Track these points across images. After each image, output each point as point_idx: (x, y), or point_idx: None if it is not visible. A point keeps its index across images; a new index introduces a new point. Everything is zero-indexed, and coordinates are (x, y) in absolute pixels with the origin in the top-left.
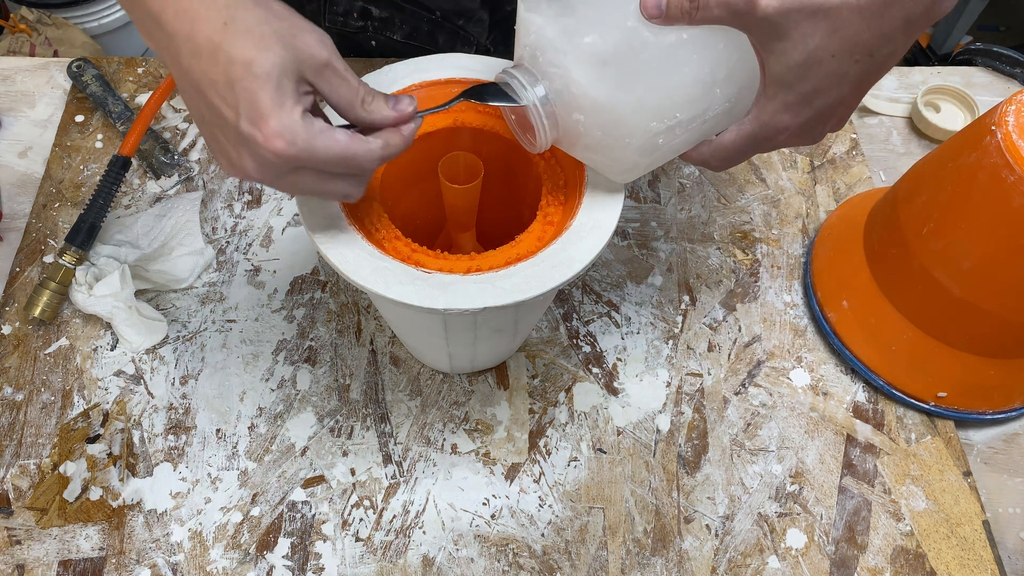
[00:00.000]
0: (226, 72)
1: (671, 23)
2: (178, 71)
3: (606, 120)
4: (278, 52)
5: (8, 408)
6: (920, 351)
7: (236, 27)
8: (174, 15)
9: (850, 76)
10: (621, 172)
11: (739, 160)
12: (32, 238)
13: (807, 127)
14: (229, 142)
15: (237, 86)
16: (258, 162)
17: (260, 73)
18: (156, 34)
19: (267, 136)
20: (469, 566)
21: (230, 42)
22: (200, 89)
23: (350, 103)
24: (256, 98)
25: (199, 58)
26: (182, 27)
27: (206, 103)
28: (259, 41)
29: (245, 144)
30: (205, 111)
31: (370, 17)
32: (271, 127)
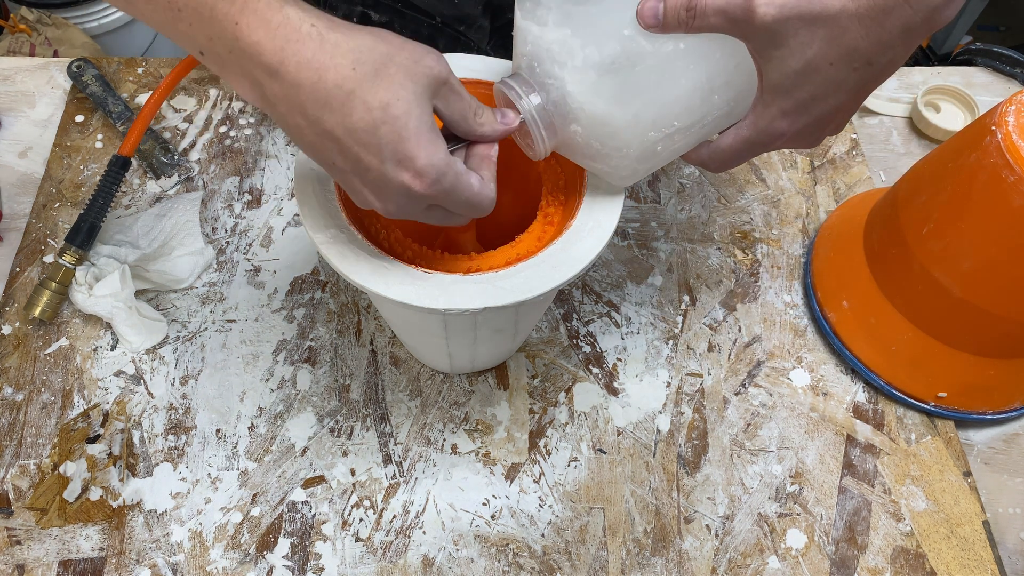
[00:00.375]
0: (364, 118)
1: (668, 32)
2: (301, 122)
3: (603, 132)
4: (410, 88)
5: (8, 408)
6: (920, 351)
7: (365, 70)
8: (296, 66)
9: (848, 84)
10: (621, 178)
11: (737, 163)
12: (32, 238)
13: (805, 133)
14: (367, 185)
15: (380, 131)
16: (402, 201)
17: (400, 114)
18: (271, 87)
19: (415, 175)
20: (469, 566)
21: (363, 87)
22: (335, 138)
23: (464, 117)
24: (400, 140)
25: (331, 108)
26: (307, 77)
27: (342, 151)
28: (390, 80)
29: (389, 185)
30: (338, 158)
31: (370, 22)
32: (419, 166)
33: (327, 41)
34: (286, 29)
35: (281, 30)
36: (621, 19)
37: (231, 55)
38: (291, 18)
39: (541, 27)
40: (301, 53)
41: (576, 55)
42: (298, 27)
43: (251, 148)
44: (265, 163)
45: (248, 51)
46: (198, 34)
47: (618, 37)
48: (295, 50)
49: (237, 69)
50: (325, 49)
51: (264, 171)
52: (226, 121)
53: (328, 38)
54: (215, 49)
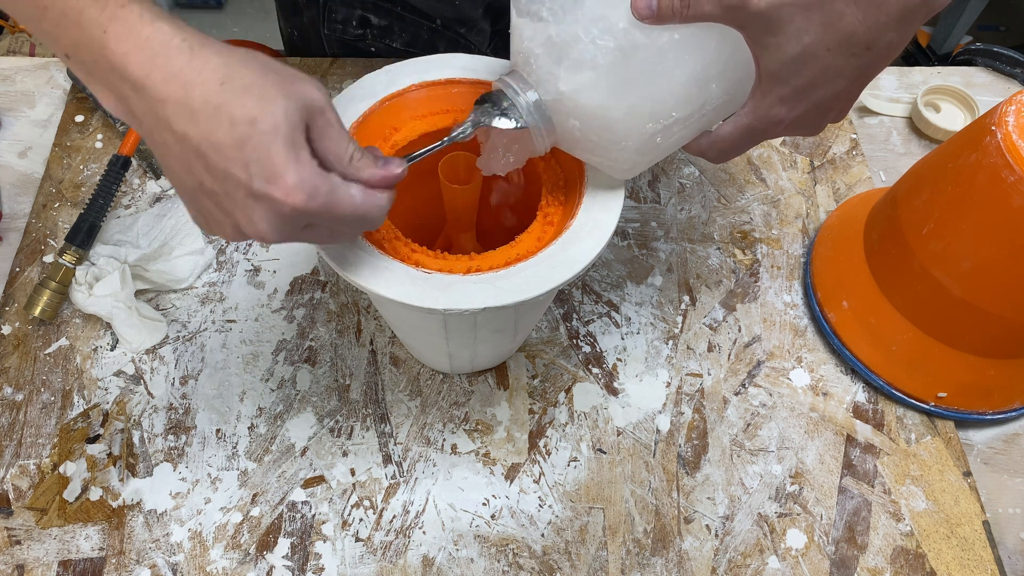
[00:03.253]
0: (231, 133)
1: (663, 22)
2: (168, 138)
3: (601, 126)
4: (281, 104)
5: (8, 408)
6: (920, 351)
7: (234, 85)
8: (163, 80)
9: (847, 70)
10: (622, 171)
11: (737, 152)
12: (32, 238)
13: (804, 120)
14: (237, 206)
15: (246, 146)
16: (273, 221)
17: (268, 128)
18: (136, 102)
19: (286, 191)
20: (469, 566)
21: (231, 102)
22: (200, 154)
23: (338, 157)
24: (268, 154)
25: (196, 122)
26: (174, 91)
27: (207, 168)
28: (260, 95)
29: (259, 203)
30: (206, 177)
31: (369, 25)
32: (289, 182)
33: (197, 56)
34: (154, 42)
35: (150, 43)
36: (615, 12)
37: (96, 64)
38: (162, 31)
39: (536, 23)
40: (168, 67)
41: (571, 50)
42: (168, 40)
43: None
44: None
45: (114, 61)
46: (63, 37)
47: (612, 31)
48: (162, 63)
49: (102, 79)
50: (193, 64)
51: None
52: None
53: (198, 53)
54: (80, 56)
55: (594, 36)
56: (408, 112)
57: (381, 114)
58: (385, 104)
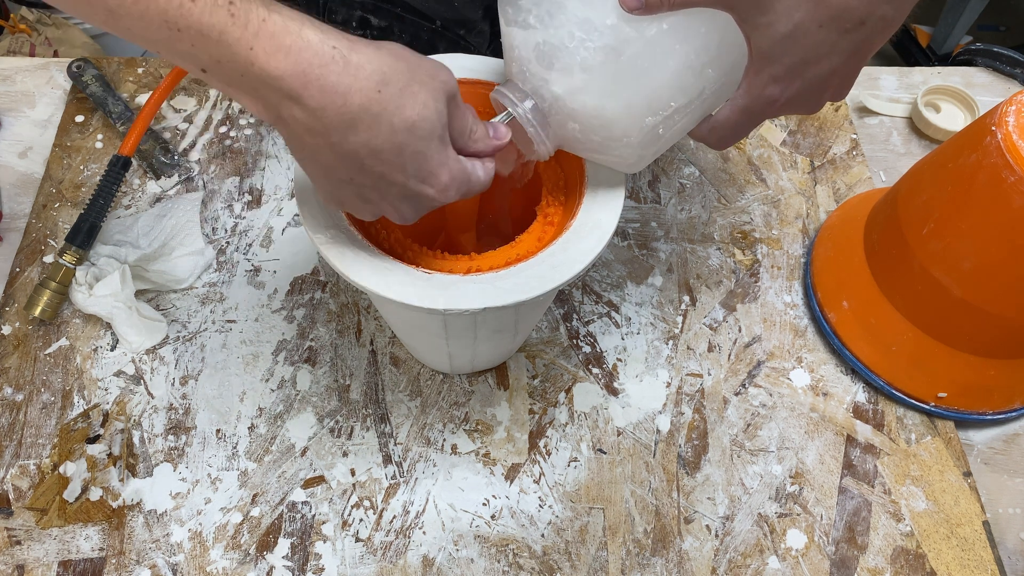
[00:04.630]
0: (390, 139)
1: (652, 12)
2: (320, 143)
3: (601, 125)
4: (432, 106)
5: (8, 408)
6: (920, 351)
7: (390, 91)
8: (320, 91)
9: (841, 46)
10: (629, 165)
11: (738, 136)
12: (32, 238)
13: (801, 98)
14: (385, 199)
15: (405, 151)
16: (420, 209)
17: (424, 134)
18: (289, 110)
19: (440, 189)
20: (469, 566)
21: (390, 109)
22: (358, 158)
23: (461, 133)
24: (424, 158)
25: (356, 130)
26: (332, 101)
27: (363, 169)
28: (415, 99)
29: (410, 198)
30: (357, 175)
31: (369, 26)
32: (443, 180)
33: (351, 64)
34: (308, 53)
35: (303, 55)
36: (602, 10)
37: (243, 78)
38: (311, 42)
39: (524, 31)
40: (325, 78)
41: (560, 54)
42: (320, 51)
43: (251, 148)
44: (265, 163)
45: (264, 76)
46: (202, 55)
47: (600, 29)
48: (319, 75)
49: (248, 90)
50: (349, 72)
51: (264, 171)
52: (226, 121)
53: (351, 60)
54: (223, 71)
55: (582, 38)
56: None
57: None
58: None
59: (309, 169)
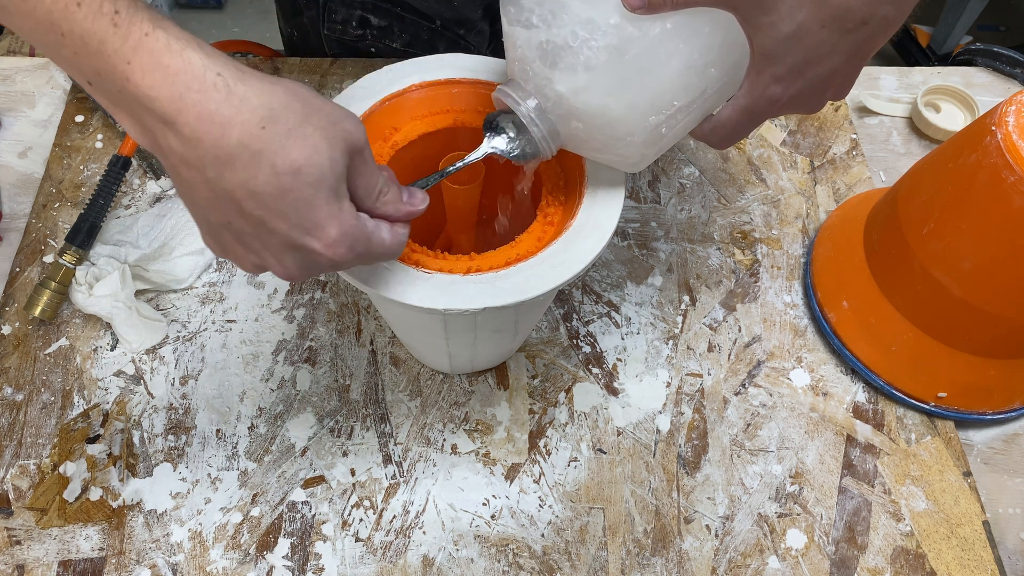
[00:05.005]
0: (272, 182)
1: (655, 12)
2: (196, 178)
3: (604, 124)
4: (324, 152)
5: (8, 408)
6: (920, 351)
7: (276, 129)
8: (196, 119)
9: (842, 46)
10: (631, 164)
11: (739, 135)
12: (32, 238)
13: (802, 97)
14: (268, 249)
15: (287, 197)
16: (306, 267)
17: (311, 180)
18: (164, 137)
19: (327, 244)
20: (469, 566)
21: (273, 148)
22: (235, 200)
23: (368, 193)
24: (311, 207)
25: (233, 168)
26: (208, 132)
27: (242, 213)
28: (304, 142)
29: (295, 252)
30: (236, 219)
31: (369, 26)
32: (332, 235)
33: (234, 94)
34: (187, 76)
35: (181, 77)
36: (605, 9)
37: (120, 95)
38: (193, 64)
39: (527, 31)
40: (203, 104)
41: (564, 54)
42: (201, 75)
43: None
44: None
45: (139, 96)
46: (84, 65)
47: (604, 28)
48: (195, 100)
49: (126, 110)
50: (231, 102)
51: None
52: None
53: (235, 90)
54: (103, 85)
55: (585, 38)
56: (408, 112)
57: (381, 114)
58: (385, 104)
59: (188, 207)
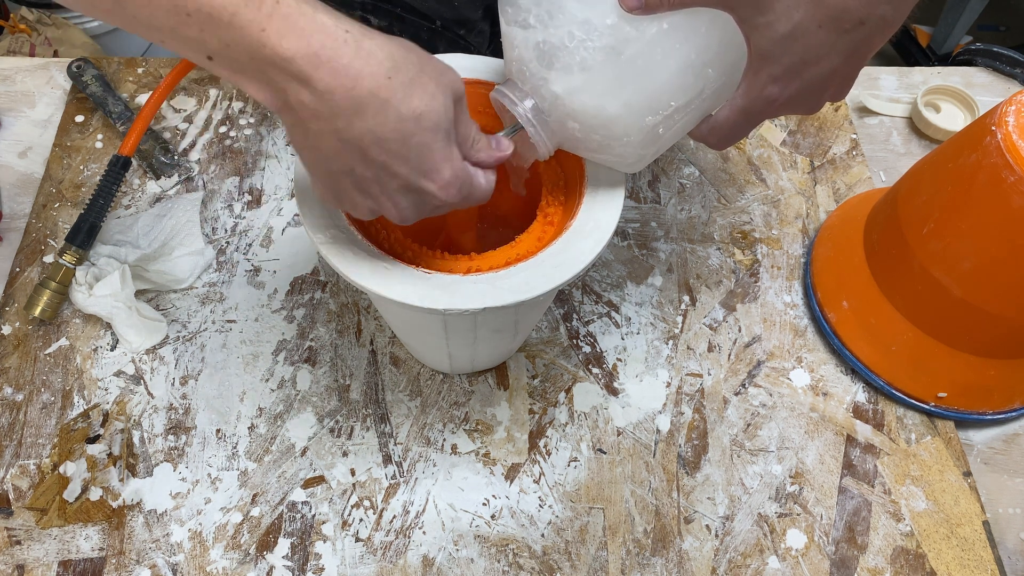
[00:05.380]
0: (397, 128)
1: (651, 12)
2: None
3: (601, 124)
4: (440, 99)
5: (8, 408)
6: (920, 351)
7: (400, 79)
8: (331, 73)
9: (839, 46)
10: (629, 165)
11: (738, 136)
12: (32, 238)
13: (800, 98)
14: (385, 193)
15: (410, 142)
16: (421, 208)
17: (430, 125)
18: (297, 93)
19: (441, 186)
20: (469, 566)
21: (399, 97)
22: (361, 146)
23: (465, 140)
24: (429, 152)
25: (363, 116)
26: (342, 84)
27: (365, 159)
28: (423, 90)
29: (411, 194)
30: (358, 165)
31: (369, 26)
32: (445, 177)
33: (363, 48)
34: (321, 36)
35: (316, 36)
36: (602, 10)
37: (252, 61)
38: (325, 24)
39: (524, 30)
40: (337, 59)
41: (560, 54)
42: (333, 33)
43: (251, 148)
44: (265, 163)
45: (274, 58)
46: (211, 39)
47: (600, 29)
48: (330, 56)
49: (256, 75)
50: (361, 55)
51: (264, 171)
52: (226, 121)
53: (363, 45)
54: (231, 54)
55: (582, 38)
56: None
57: None
58: None
59: (309, 159)
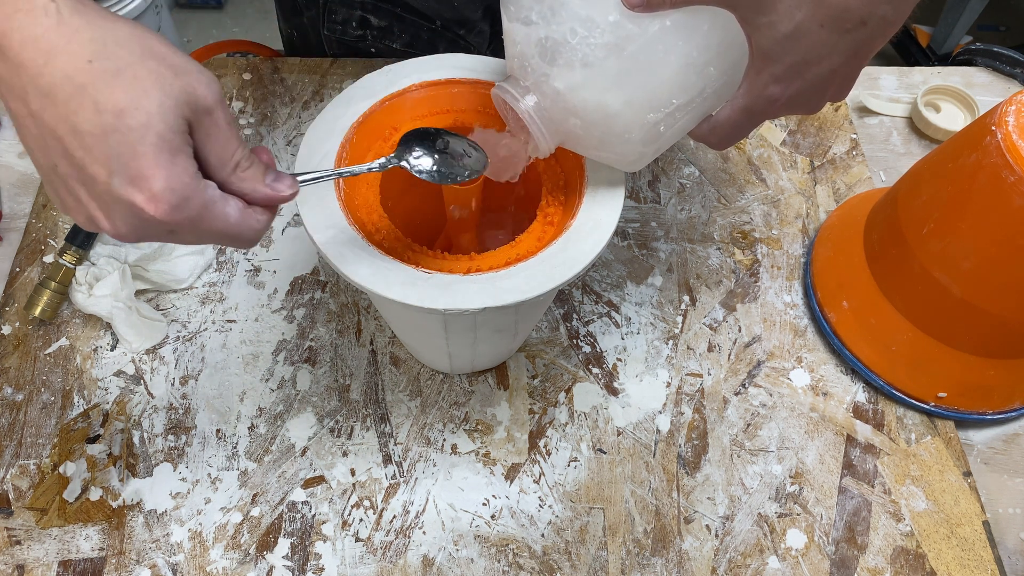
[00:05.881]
0: (93, 120)
1: (653, 10)
2: (22, 111)
3: (602, 121)
4: (155, 98)
5: (8, 408)
6: (920, 351)
7: (104, 65)
8: (20, 43)
9: (840, 46)
10: (629, 163)
11: (739, 136)
12: (32, 238)
13: (801, 98)
14: (94, 199)
15: (110, 139)
16: (134, 223)
17: (136, 125)
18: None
19: (150, 197)
20: (469, 566)
21: (97, 85)
22: (57, 136)
23: (222, 162)
24: (134, 153)
25: (54, 101)
26: (32, 58)
27: (65, 154)
28: (132, 84)
29: (118, 204)
30: (61, 161)
31: (369, 26)
32: (155, 188)
33: (65, 23)
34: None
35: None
36: (604, 7)
37: None
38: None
39: (527, 27)
40: (29, 29)
41: (563, 50)
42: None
43: None
44: None
45: None
46: None
47: (603, 25)
48: (23, 23)
49: None
50: (61, 31)
51: None
52: None
53: (68, 20)
54: None
55: (584, 35)
56: (408, 112)
57: (381, 114)
58: (385, 104)
59: (27, 150)
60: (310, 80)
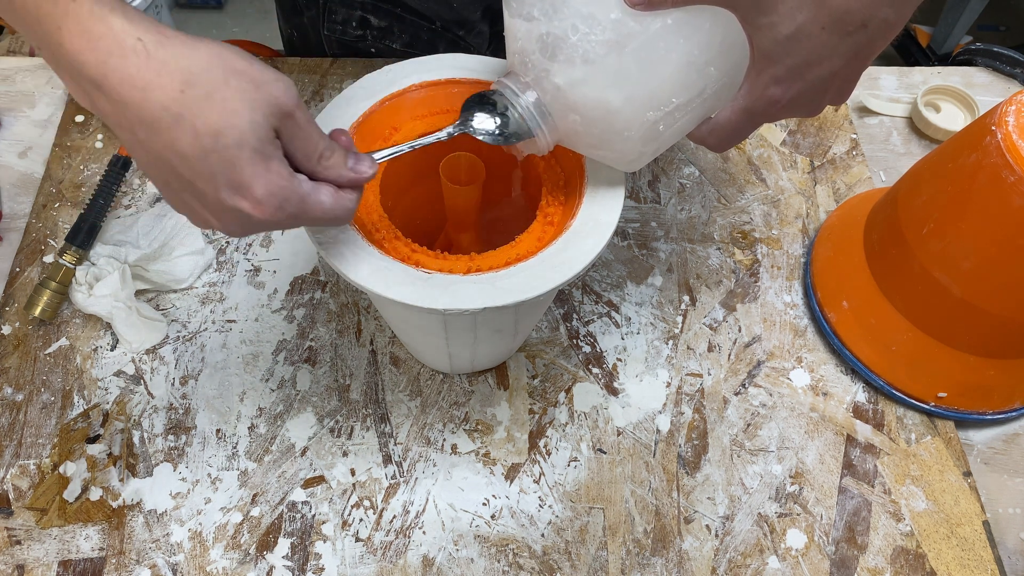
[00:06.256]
0: (194, 144)
1: (655, 8)
2: (131, 141)
3: (601, 118)
4: (245, 116)
5: (8, 408)
6: (920, 351)
7: (195, 93)
8: (119, 83)
9: (841, 48)
10: (628, 163)
11: (739, 138)
12: (32, 238)
13: (802, 100)
14: (207, 208)
15: (210, 159)
16: (246, 226)
17: (231, 143)
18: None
19: (255, 203)
20: (469, 566)
21: (192, 112)
22: (166, 160)
23: (307, 157)
24: (234, 167)
25: (157, 130)
26: (132, 96)
27: (175, 175)
28: (223, 106)
29: (227, 212)
30: (173, 180)
31: (369, 26)
32: (257, 194)
33: (154, 58)
34: (108, 41)
35: (103, 42)
36: (606, 4)
37: (58, 61)
38: (114, 29)
39: (528, 23)
40: (124, 69)
41: (564, 46)
42: (122, 40)
43: None
44: None
45: (71, 60)
46: (29, 32)
47: (604, 23)
48: (117, 65)
49: (68, 74)
50: (151, 67)
51: None
52: None
53: (155, 55)
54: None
55: (585, 32)
56: (408, 112)
57: (381, 114)
58: (385, 104)
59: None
60: (310, 80)
